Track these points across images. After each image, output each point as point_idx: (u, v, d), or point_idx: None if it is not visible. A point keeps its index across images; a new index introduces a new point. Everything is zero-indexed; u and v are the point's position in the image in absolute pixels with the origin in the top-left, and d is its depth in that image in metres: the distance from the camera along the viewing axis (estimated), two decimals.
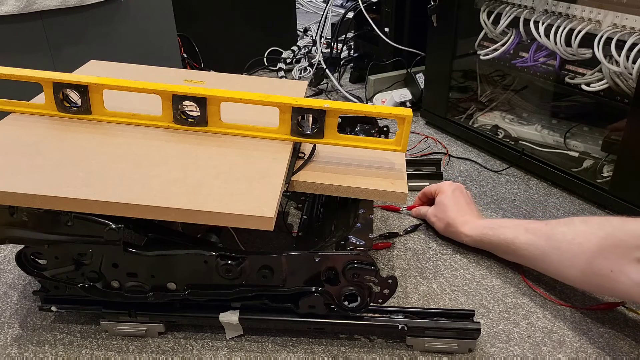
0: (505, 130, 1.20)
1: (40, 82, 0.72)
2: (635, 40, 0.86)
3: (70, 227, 0.63)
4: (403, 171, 0.77)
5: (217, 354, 0.70)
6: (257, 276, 0.66)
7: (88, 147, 0.69)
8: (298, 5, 2.23)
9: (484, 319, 0.75)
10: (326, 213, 0.88)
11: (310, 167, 0.76)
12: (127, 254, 0.65)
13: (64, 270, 0.67)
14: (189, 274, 0.67)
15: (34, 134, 0.71)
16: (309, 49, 1.79)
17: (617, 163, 0.94)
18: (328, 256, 0.65)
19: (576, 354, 0.69)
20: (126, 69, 0.94)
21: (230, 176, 0.65)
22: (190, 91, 0.70)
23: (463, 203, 0.87)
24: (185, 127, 0.73)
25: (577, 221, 0.71)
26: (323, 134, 0.72)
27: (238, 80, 0.96)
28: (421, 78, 1.38)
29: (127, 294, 0.68)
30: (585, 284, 0.72)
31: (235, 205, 0.60)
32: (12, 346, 0.72)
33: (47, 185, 0.60)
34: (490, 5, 1.11)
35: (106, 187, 0.61)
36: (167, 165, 0.66)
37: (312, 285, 0.67)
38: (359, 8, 1.48)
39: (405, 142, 0.73)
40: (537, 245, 0.75)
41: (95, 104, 0.73)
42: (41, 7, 1.11)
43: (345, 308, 0.68)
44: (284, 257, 0.65)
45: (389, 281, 0.67)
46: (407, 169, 1.07)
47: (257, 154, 0.70)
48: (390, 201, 0.74)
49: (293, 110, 0.71)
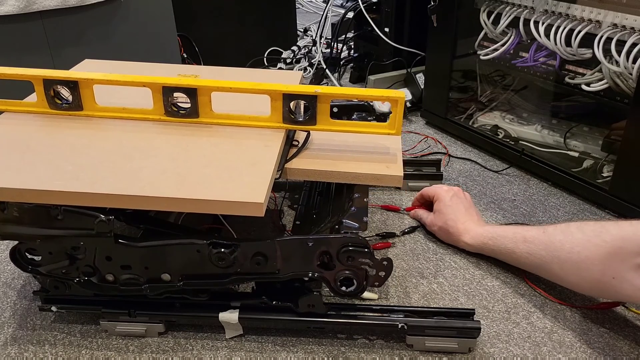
0: (505, 130, 1.20)
1: (31, 80, 0.72)
2: (635, 40, 0.86)
3: (60, 220, 0.63)
4: (398, 155, 0.77)
5: (217, 354, 0.70)
6: (251, 264, 0.66)
7: (78, 142, 0.69)
8: (298, 5, 2.23)
9: (484, 319, 0.75)
10: (323, 201, 0.88)
11: (304, 154, 0.75)
12: (119, 246, 0.65)
13: (59, 266, 0.67)
14: (183, 264, 0.67)
15: (25, 132, 0.71)
16: (309, 49, 1.79)
17: (617, 163, 0.94)
18: (321, 240, 0.65)
19: (576, 354, 0.69)
20: (120, 66, 0.93)
21: (220, 165, 0.65)
22: (179, 82, 0.70)
23: (462, 209, 0.87)
24: (177, 119, 0.73)
25: (573, 228, 0.71)
26: (316, 120, 0.72)
27: (232, 72, 0.96)
28: (421, 78, 1.38)
29: (123, 287, 0.68)
30: (589, 290, 0.73)
31: (225, 193, 0.59)
32: (12, 346, 0.72)
33: (36, 180, 0.60)
34: (490, 5, 1.11)
35: (95, 179, 0.61)
36: (157, 156, 0.66)
37: (307, 271, 0.67)
38: (359, 8, 1.48)
39: (399, 125, 0.72)
40: (536, 255, 0.75)
41: (87, 99, 0.73)
42: (41, 7, 1.11)
43: (342, 293, 0.67)
44: (277, 242, 0.65)
45: (384, 263, 0.66)
46: (407, 169, 1.08)
47: (249, 143, 0.70)
48: (386, 185, 0.73)
49: (284, 97, 0.70)
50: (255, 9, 1.73)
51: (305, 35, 1.97)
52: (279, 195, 1.02)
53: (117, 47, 1.28)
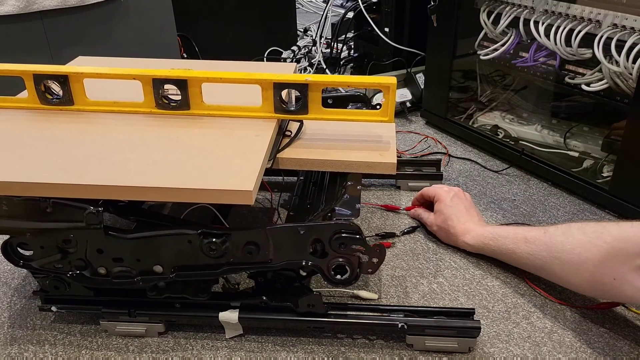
0: (505, 130, 1.20)
1: (21, 75, 0.72)
2: (635, 40, 0.86)
3: (50, 213, 0.63)
4: (391, 142, 0.76)
5: (217, 354, 0.70)
6: (242, 253, 0.65)
7: (68, 135, 0.69)
8: (298, 5, 2.23)
9: (484, 319, 0.74)
10: (317, 192, 0.88)
11: (297, 144, 0.75)
12: (109, 238, 0.65)
13: (51, 260, 0.67)
14: (175, 255, 0.66)
15: (16, 128, 0.71)
16: (309, 49, 1.79)
17: (617, 163, 0.94)
18: (312, 227, 0.64)
19: (576, 354, 0.69)
20: (113, 61, 0.93)
21: (210, 155, 0.65)
22: (169, 74, 0.70)
23: (463, 210, 0.87)
24: (168, 112, 0.73)
25: (574, 229, 0.71)
26: (307, 109, 0.71)
27: (225, 65, 0.95)
28: (421, 78, 1.38)
29: (115, 280, 0.68)
30: (590, 291, 0.73)
31: (214, 181, 0.59)
32: (12, 346, 0.72)
33: (25, 173, 0.61)
34: (490, 5, 1.11)
35: (84, 171, 0.61)
36: (147, 148, 0.66)
37: (300, 260, 0.66)
38: (359, 8, 1.48)
39: (391, 112, 0.71)
40: (537, 256, 0.75)
41: (77, 94, 0.73)
42: (41, 7, 1.11)
43: (336, 281, 0.67)
44: (268, 230, 0.64)
45: (377, 249, 0.65)
46: (407, 169, 1.08)
47: (240, 133, 0.70)
48: (379, 172, 0.73)
49: (275, 86, 0.70)
50: (255, 9, 1.73)
51: (305, 35, 1.97)
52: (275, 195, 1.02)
53: (117, 47, 1.28)
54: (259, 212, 1.00)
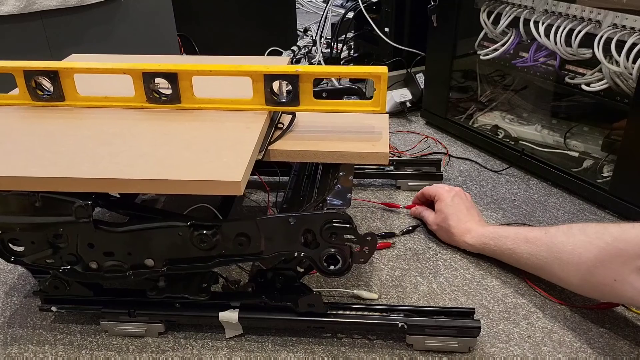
0: (505, 130, 1.20)
1: (11, 72, 0.72)
2: (635, 40, 0.86)
3: (38, 207, 0.63)
4: (383, 133, 0.76)
5: (217, 354, 0.70)
6: (233, 245, 0.65)
7: (58, 131, 0.69)
8: (298, 5, 2.23)
9: (484, 318, 0.74)
10: (310, 184, 0.87)
11: (289, 136, 0.75)
12: (99, 232, 0.64)
13: (42, 255, 0.67)
14: (166, 248, 0.66)
15: (6, 123, 0.71)
16: (309, 49, 1.78)
17: (617, 163, 0.94)
18: (303, 217, 0.64)
19: (576, 354, 0.69)
20: (106, 58, 0.93)
21: (200, 147, 0.64)
22: (159, 68, 0.70)
23: (463, 210, 0.87)
24: (159, 106, 0.73)
25: (575, 230, 0.71)
26: (299, 100, 0.71)
27: (219, 59, 0.95)
28: (421, 78, 1.38)
29: (107, 274, 0.67)
30: (590, 292, 0.73)
31: (203, 173, 0.59)
32: (12, 346, 0.72)
33: (14, 167, 0.60)
34: (490, 5, 1.11)
35: (72, 164, 0.61)
36: (136, 141, 0.66)
37: (292, 250, 0.66)
38: (359, 8, 1.48)
39: (383, 102, 0.71)
40: (538, 256, 0.75)
41: (68, 89, 0.73)
42: (41, 7, 1.11)
43: (329, 272, 0.66)
44: (259, 221, 0.64)
45: (368, 238, 0.65)
46: (407, 169, 1.08)
47: (230, 125, 0.70)
48: (371, 163, 0.72)
49: (265, 78, 0.70)
50: (255, 9, 1.73)
51: (305, 35, 1.97)
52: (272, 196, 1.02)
53: (117, 47, 1.28)
54: (259, 212, 1.00)
